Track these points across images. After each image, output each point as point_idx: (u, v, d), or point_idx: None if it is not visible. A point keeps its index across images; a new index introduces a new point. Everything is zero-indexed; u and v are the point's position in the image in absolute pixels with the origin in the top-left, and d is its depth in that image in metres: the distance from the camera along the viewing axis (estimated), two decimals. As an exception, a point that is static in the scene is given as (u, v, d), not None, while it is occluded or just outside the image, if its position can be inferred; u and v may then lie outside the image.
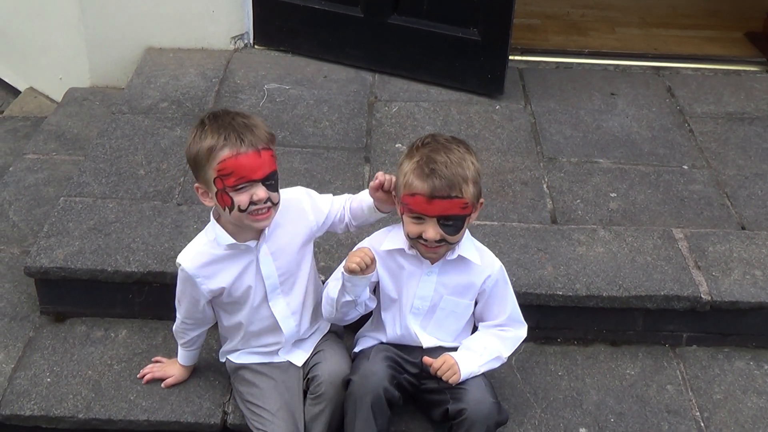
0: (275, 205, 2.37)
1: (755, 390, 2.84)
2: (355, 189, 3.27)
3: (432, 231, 2.34)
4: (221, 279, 2.45)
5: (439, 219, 2.33)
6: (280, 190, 2.44)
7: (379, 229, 2.62)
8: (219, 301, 2.52)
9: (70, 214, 3.07)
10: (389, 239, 2.51)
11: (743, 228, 3.23)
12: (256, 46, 4.26)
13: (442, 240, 2.36)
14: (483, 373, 2.51)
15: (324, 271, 2.79)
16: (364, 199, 2.57)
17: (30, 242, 3.17)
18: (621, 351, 2.96)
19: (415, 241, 2.40)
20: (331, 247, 2.96)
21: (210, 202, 2.37)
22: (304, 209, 2.53)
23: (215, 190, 2.31)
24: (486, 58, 3.86)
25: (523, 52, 4.34)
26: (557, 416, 2.71)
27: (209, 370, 2.76)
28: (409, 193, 2.33)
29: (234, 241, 2.41)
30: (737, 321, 2.95)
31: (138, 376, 2.72)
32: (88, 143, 3.62)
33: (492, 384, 2.55)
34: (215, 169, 2.28)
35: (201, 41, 4.20)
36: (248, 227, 2.40)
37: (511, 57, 3.99)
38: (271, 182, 2.33)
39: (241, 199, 2.30)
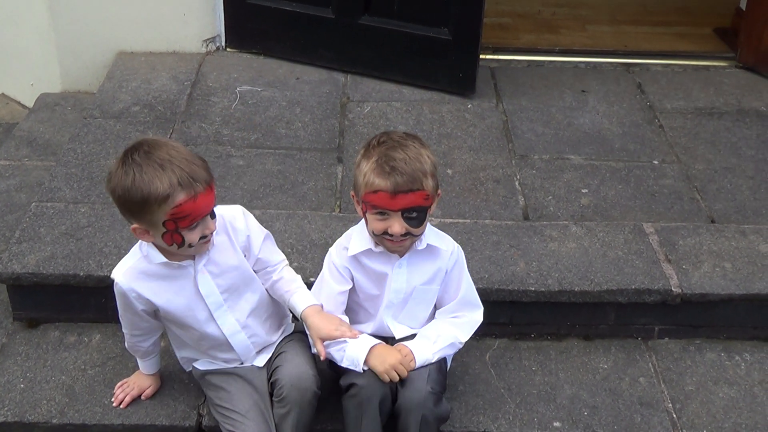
0: (215, 229, 2.37)
1: (726, 381, 2.87)
2: (328, 189, 3.31)
3: (397, 225, 2.37)
4: (155, 297, 2.42)
5: (403, 213, 2.36)
6: (218, 206, 2.42)
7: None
8: (159, 315, 2.50)
9: (42, 220, 3.06)
10: (353, 243, 2.52)
11: (713, 221, 3.26)
12: (228, 49, 4.26)
13: (407, 233, 2.39)
14: (436, 366, 2.51)
15: (298, 271, 2.79)
16: (295, 303, 2.52)
17: (1, 248, 3.14)
18: (594, 345, 2.98)
19: (380, 237, 2.42)
20: (303, 248, 2.97)
21: (150, 239, 2.32)
22: (235, 227, 2.49)
23: (163, 231, 2.26)
24: (457, 58, 3.88)
25: (494, 51, 4.36)
26: (531, 411, 2.73)
27: (183, 373, 2.75)
28: (372, 190, 2.35)
29: (166, 260, 2.38)
30: (708, 313, 2.98)
31: (114, 404, 2.66)
32: (60, 148, 3.61)
33: (442, 378, 2.53)
34: (168, 213, 2.21)
35: (173, 44, 4.20)
36: (192, 254, 2.38)
37: (482, 56, 4.01)
38: (213, 211, 2.33)
39: (193, 237, 2.28)
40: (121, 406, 2.65)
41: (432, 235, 2.54)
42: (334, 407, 2.58)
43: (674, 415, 2.74)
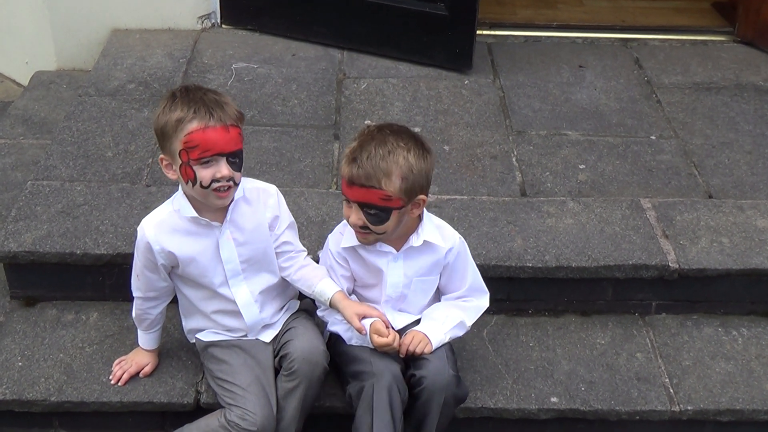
0: (236, 184, 2.40)
1: (723, 356, 2.88)
2: (324, 166, 3.30)
3: (354, 216, 2.39)
4: (179, 251, 2.46)
5: (361, 206, 2.37)
6: (254, 180, 2.50)
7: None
8: (176, 273, 2.52)
9: (38, 198, 3.05)
10: (346, 236, 2.53)
11: (710, 196, 3.26)
12: (223, 26, 4.23)
13: (365, 227, 2.40)
14: (448, 347, 2.54)
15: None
16: (323, 288, 2.52)
17: (-2, 227, 3.15)
18: (591, 321, 2.99)
19: (350, 224, 2.46)
20: (300, 225, 2.94)
21: (173, 174, 2.39)
22: (267, 203, 2.53)
23: (180, 162, 2.33)
24: (454, 33, 3.86)
25: (491, 27, 4.33)
26: (529, 386, 2.74)
27: (182, 350, 2.76)
28: (341, 174, 2.40)
29: (196, 215, 2.43)
30: (705, 288, 2.99)
31: (112, 382, 2.67)
32: (55, 126, 3.59)
33: (455, 359, 2.56)
34: (181, 141, 2.30)
35: (167, 21, 4.17)
36: (209, 203, 2.41)
37: (479, 31, 3.99)
38: (236, 161, 2.36)
39: (204, 175, 2.32)
40: (119, 384, 2.66)
41: (432, 229, 2.53)
42: (332, 386, 2.61)
43: (671, 390, 2.75)
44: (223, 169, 2.33)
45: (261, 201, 2.52)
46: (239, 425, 2.42)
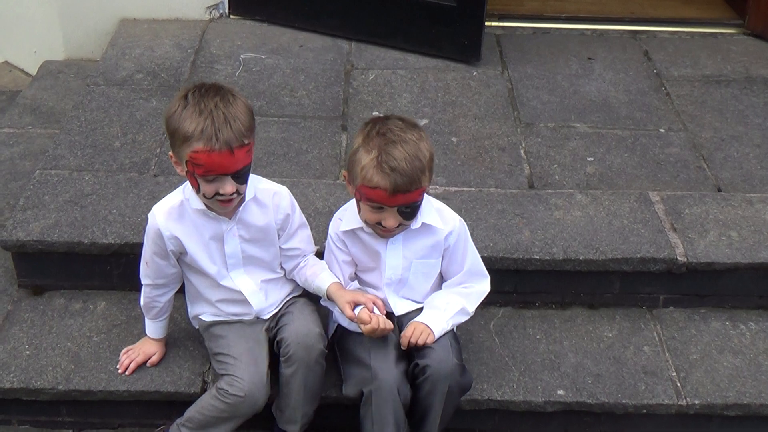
0: (240, 194, 2.38)
1: (731, 350, 2.87)
2: (332, 157, 3.29)
3: (392, 219, 2.39)
4: (186, 239, 2.47)
5: (399, 208, 2.37)
6: (267, 181, 2.50)
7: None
8: (184, 260, 2.53)
9: (46, 187, 3.06)
10: (347, 218, 2.53)
11: (719, 190, 3.25)
12: (231, 16, 4.23)
13: (400, 225, 2.41)
14: (452, 335, 2.53)
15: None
16: (320, 283, 2.53)
17: (6, 216, 3.14)
18: (598, 314, 2.98)
19: (373, 225, 2.44)
20: (308, 216, 2.93)
21: (181, 171, 2.38)
22: (279, 204, 2.53)
23: (186, 169, 2.33)
24: (462, 25, 3.85)
25: (500, 18, 4.32)
26: (535, 379, 2.74)
27: (189, 340, 2.77)
28: (370, 186, 2.34)
29: (204, 208, 2.43)
30: (713, 282, 2.98)
31: (119, 371, 2.68)
32: (64, 116, 3.60)
33: (459, 348, 2.56)
34: (187, 155, 2.28)
35: (176, 11, 4.17)
36: (213, 208, 2.42)
37: (487, 23, 3.98)
38: (241, 175, 2.33)
39: (208, 189, 2.32)
40: (126, 373, 2.67)
41: (431, 212, 2.53)
42: (339, 378, 2.60)
43: (678, 384, 2.74)
44: (227, 186, 2.31)
45: (273, 203, 2.51)
46: (227, 391, 2.43)
